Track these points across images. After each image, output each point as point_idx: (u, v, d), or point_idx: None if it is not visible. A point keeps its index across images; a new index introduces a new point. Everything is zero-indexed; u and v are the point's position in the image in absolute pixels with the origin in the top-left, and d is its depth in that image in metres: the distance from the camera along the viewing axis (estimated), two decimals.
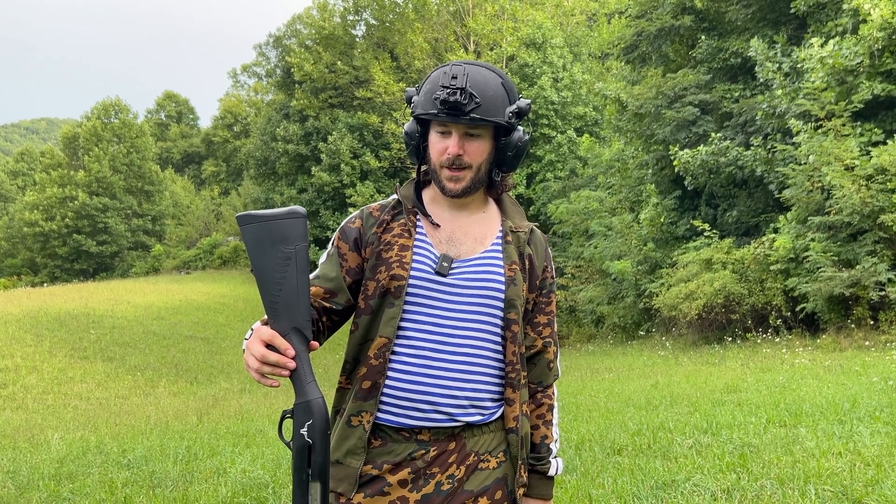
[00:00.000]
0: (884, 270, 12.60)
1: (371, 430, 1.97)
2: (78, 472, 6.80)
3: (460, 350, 1.97)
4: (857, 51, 13.89)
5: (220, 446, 7.90)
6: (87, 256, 56.24)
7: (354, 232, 2.07)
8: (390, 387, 1.96)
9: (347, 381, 2.04)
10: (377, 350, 1.96)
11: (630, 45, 22.24)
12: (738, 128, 18.34)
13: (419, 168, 2.13)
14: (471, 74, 1.92)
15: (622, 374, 13.06)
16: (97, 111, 60.67)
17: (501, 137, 2.02)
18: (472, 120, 1.91)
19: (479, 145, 1.98)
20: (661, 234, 20.67)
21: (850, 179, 13.12)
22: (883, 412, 6.64)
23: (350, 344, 2.04)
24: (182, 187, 69.79)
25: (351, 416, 1.97)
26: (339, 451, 1.98)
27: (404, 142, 2.10)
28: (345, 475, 1.95)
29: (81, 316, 26.58)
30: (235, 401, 14.36)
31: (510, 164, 2.06)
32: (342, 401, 2.05)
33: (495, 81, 1.98)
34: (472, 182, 2.01)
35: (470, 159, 1.98)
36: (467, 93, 1.88)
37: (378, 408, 1.96)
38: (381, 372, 1.95)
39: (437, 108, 1.90)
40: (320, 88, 43.65)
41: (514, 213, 2.16)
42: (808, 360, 11.72)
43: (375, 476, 1.95)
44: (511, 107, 1.98)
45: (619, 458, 5.89)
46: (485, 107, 1.91)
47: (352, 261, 2.05)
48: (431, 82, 1.96)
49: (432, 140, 2.01)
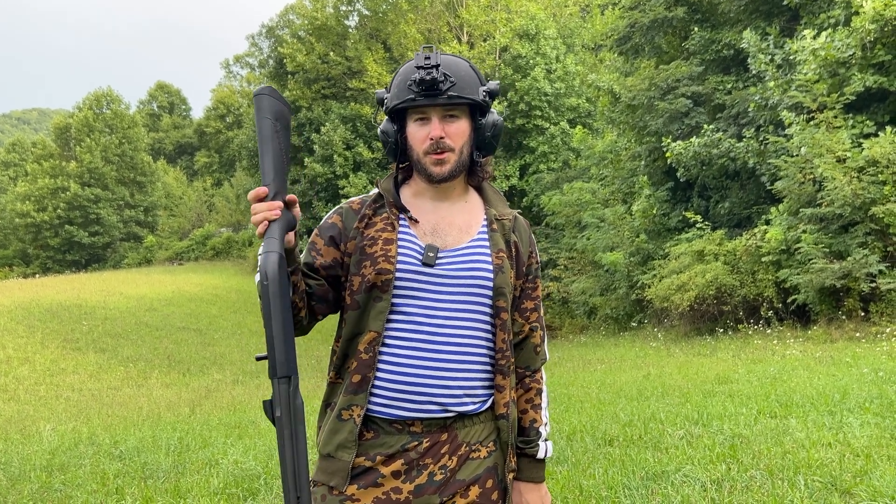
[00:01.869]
0: (875, 262, 12.64)
1: (363, 422, 1.98)
2: (70, 463, 6.80)
3: (451, 340, 1.98)
4: (849, 43, 13.90)
5: (212, 437, 7.91)
6: (79, 247, 56.07)
7: (332, 229, 2.08)
8: (382, 379, 1.97)
9: (337, 377, 2.05)
10: (367, 344, 1.96)
11: (623, 37, 22.21)
12: (731, 119, 18.36)
13: (398, 165, 2.14)
14: (443, 56, 1.96)
15: (614, 366, 13.10)
16: (89, 101, 60.32)
17: (478, 118, 2.05)
18: (450, 98, 1.94)
19: (458, 126, 2.01)
20: (654, 225, 20.70)
21: (841, 171, 13.14)
22: (873, 403, 6.67)
23: (338, 340, 2.05)
24: (174, 178, 69.63)
25: (342, 409, 1.98)
26: (330, 444, 1.99)
27: (381, 141, 2.12)
28: (336, 469, 1.96)
29: (73, 307, 26.52)
30: (228, 392, 14.37)
31: (489, 146, 2.09)
32: (332, 395, 2.05)
33: (465, 65, 2.02)
34: (456, 164, 2.02)
35: (452, 141, 2.00)
36: (442, 71, 1.92)
37: (369, 401, 1.97)
38: (370, 366, 1.96)
39: (413, 92, 1.94)
40: (313, 79, 43.53)
41: (496, 201, 2.18)
42: (800, 351, 11.77)
43: (369, 468, 1.96)
44: (483, 87, 2.02)
45: (610, 449, 5.91)
46: (459, 85, 1.95)
47: (327, 255, 2.06)
48: (402, 74, 2.00)
49: (411, 131, 2.03)
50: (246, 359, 20.90)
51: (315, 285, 2.02)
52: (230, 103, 70.42)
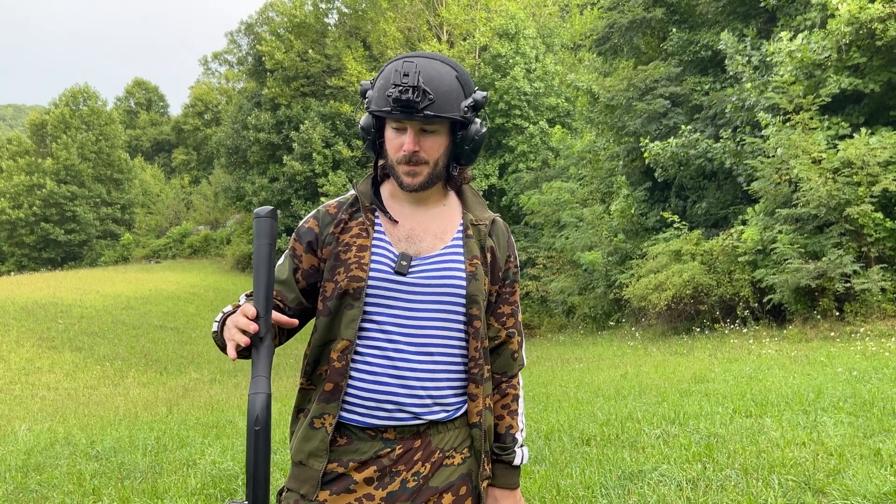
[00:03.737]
0: (849, 262, 12.78)
1: (336, 428, 1.97)
2: (45, 463, 6.75)
3: (423, 349, 1.96)
4: (825, 45, 14.03)
5: (189, 437, 7.87)
6: (54, 245, 55.50)
7: (309, 234, 2.04)
8: (354, 387, 1.95)
9: (309, 383, 2.03)
10: (339, 353, 1.94)
11: (602, 37, 22.35)
12: (708, 120, 18.50)
13: (376, 163, 2.10)
14: (424, 70, 1.87)
15: (592, 365, 13.15)
16: (65, 98, 59.73)
17: (458, 132, 1.99)
18: (426, 117, 1.87)
19: (434, 141, 1.95)
20: (632, 225, 20.82)
21: (817, 172, 13.27)
22: (846, 402, 6.75)
23: (310, 345, 2.02)
24: (152, 175, 69.05)
25: (314, 418, 1.97)
26: (301, 452, 1.97)
27: (360, 136, 2.07)
28: (307, 477, 1.95)
29: (49, 305, 26.29)
30: (205, 391, 14.30)
31: (468, 158, 2.04)
32: (304, 401, 2.04)
33: (449, 76, 1.92)
34: (429, 177, 1.98)
35: (426, 155, 1.95)
36: (420, 90, 1.84)
37: (342, 408, 1.96)
38: (342, 374, 1.94)
39: (390, 105, 1.87)
40: (292, 77, 43.35)
41: (475, 205, 2.14)
42: (775, 350, 11.87)
43: (341, 474, 1.95)
44: (466, 100, 1.94)
45: (587, 449, 5.95)
46: (439, 103, 1.88)
47: (306, 262, 2.04)
48: (384, 77, 1.92)
49: (388, 136, 1.98)
50: (223, 358, 20.78)
51: (294, 309, 2.02)
52: (208, 100, 70.06)
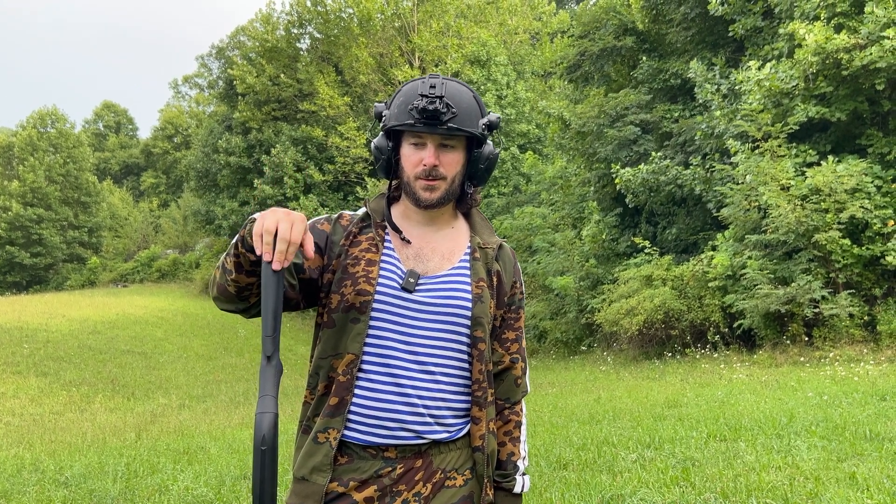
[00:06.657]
0: (818, 288, 12.94)
1: (337, 446, 1.94)
2: (13, 490, 6.62)
3: (427, 368, 1.96)
4: (792, 74, 14.27)
5: (160, 463, 7.76)
6: (20, 268, 54.65)
7: (321, 235, 2.02)
8: (357, 404, 1.94)
9: (312, 396, 2.01)
10: (345, 367, 1.93)
11: (573, 65, 22.57)
12: (678, 147, 18.70)
13: (390, 183, 2.12)
14: (447, 85, 1.94)
15: (565, 389, 13.16)
16: (33, 120, 59.13)
17: (474, 150, 2.03)
18: (449, 130, 1.91)
19: (453, 156, 1.99)
20: (603, 250, 20.93)
21: (785, 199, 13.46)
22: (819, 426, 6.82)
23: (314, 357, 2.01)
24: (120, 199, 68.41)
25: (318, 432, 1.95)
26: (304, 467, 1.95)
27: (373, 157, 2.08)
28: (310, 492, 1.92)
29: (14, 329, 25.84)
30: (174, 417, 14.10)
31: (481, 178, 2.07)
32: (308, 415, 2.01)
33: (468, 95, 2.00)
34: (445, 193, 2.01)
35: (445, 170, 1.98)
36: (444, 102, 1.90)
37: (345, 425, 1.94)
38: (348, 389, 1.93)
39: (413, 118, 1.91)
40: (263, 101, 43.25)
41: (482, 229, 2.16)
42: (746, 375, 11.96)
43: (341, 493, 1.92)
44: (483, 119, 2.00)
45: (565, 473, 5.94)
46: (461, 117, 1.93)
47: (314, 260, 1.99)
48: (405, 94, 1.96)
49: (405, 153, 2.00)
50: (192, 382, 20.55)
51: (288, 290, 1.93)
52: (178, 124, 69.72)
